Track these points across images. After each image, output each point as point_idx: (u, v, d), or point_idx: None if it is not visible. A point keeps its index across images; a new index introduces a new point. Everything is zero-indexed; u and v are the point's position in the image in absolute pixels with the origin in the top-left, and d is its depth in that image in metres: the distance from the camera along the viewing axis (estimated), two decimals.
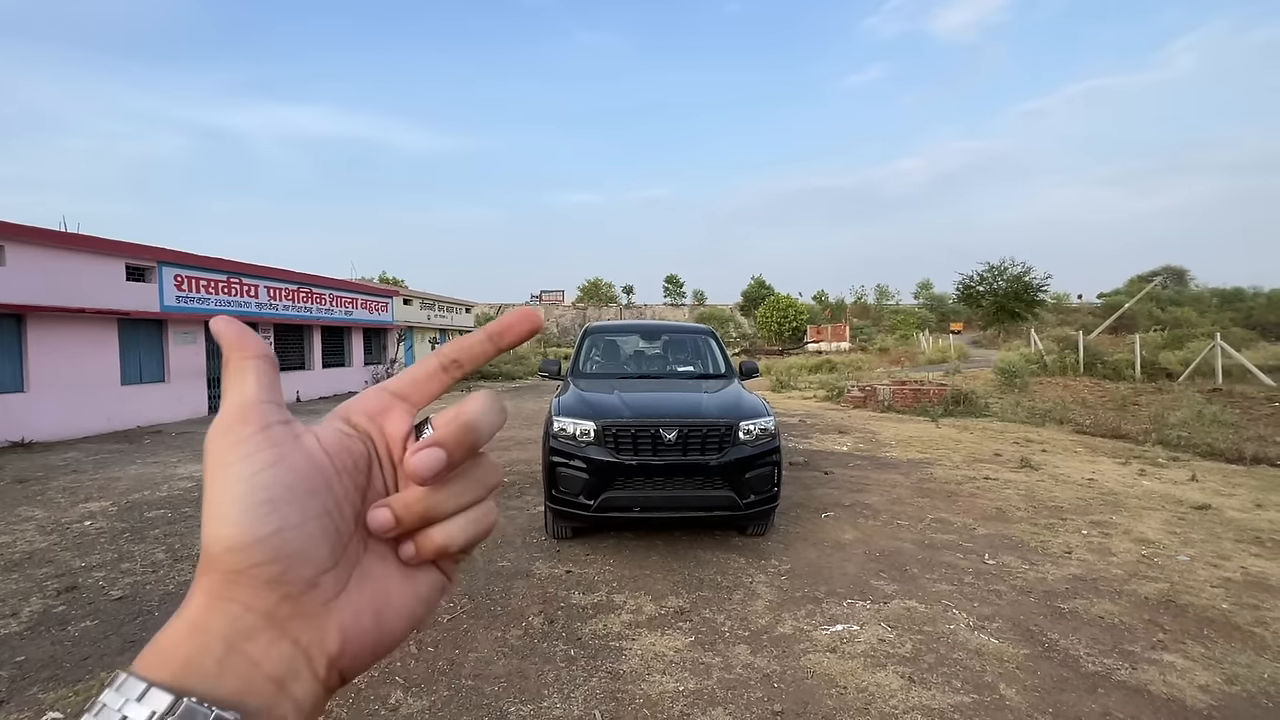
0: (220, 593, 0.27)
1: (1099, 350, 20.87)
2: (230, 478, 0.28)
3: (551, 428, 4.70)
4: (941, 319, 60.79)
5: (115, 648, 3.34)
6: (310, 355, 18.08)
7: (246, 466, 0.28)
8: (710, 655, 3.24)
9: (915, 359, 30.12)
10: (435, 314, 26.82)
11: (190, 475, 7.49)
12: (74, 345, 10.93)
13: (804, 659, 3.19)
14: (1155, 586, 4.00)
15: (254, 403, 0.30)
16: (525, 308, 0.36)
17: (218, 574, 0.27)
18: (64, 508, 6.08)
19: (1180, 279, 63.80)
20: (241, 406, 0.30)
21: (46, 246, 10.47)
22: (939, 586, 4.06)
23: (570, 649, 3.32)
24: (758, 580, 4.20)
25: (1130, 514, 5.61)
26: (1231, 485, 6.69)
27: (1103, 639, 3.35)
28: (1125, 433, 10.39)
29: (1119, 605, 3.75)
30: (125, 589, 4.09)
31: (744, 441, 4.59)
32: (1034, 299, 40.45)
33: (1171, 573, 4.24)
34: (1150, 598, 3.85)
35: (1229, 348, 17.03)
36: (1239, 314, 45.63)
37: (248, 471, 0.28)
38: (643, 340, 7.02)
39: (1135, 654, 3.20)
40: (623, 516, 4.47)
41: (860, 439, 9.73)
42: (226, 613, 0.27)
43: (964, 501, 6.07)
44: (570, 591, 4.03)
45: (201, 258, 13.76)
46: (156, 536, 5.15)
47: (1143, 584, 4.06)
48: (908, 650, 3.25)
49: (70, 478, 7.43)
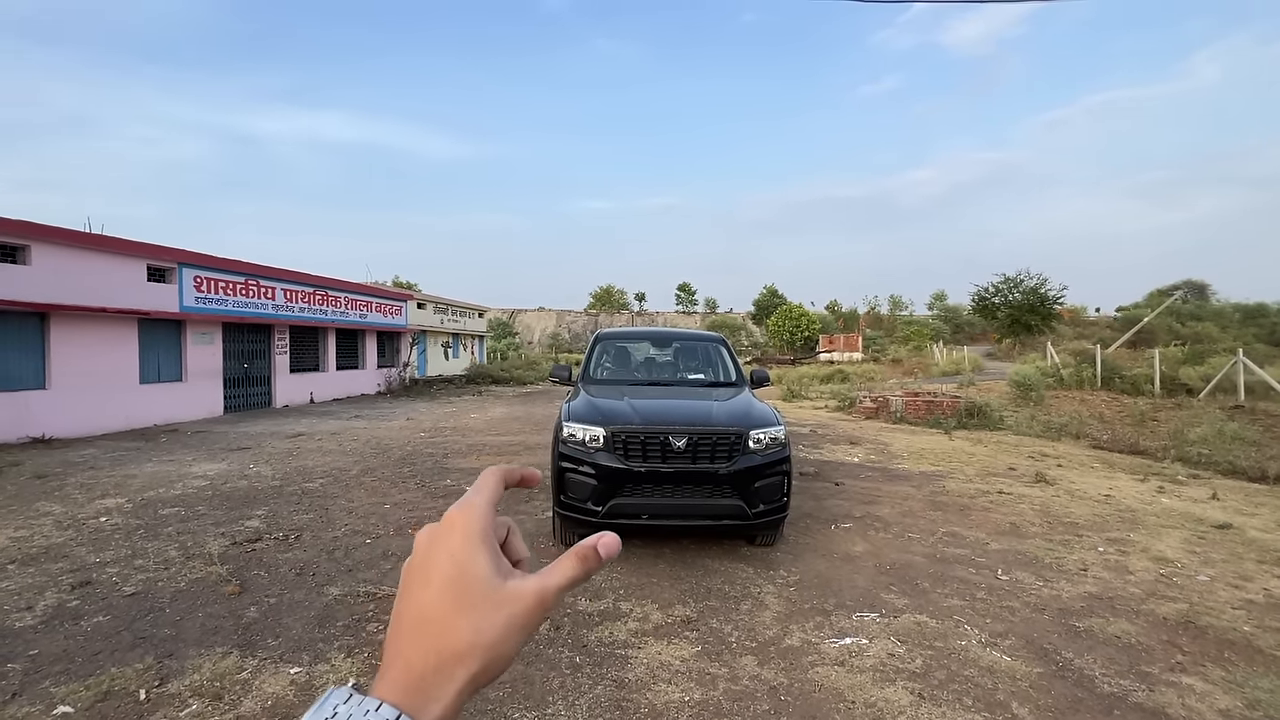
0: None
1: (1117, 364, 20.55)
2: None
3: (561, 433, 4.70)
4: (956, 330, 60.19)
5: (127, 643, 3.37)
6: (324, 357, 18.27)
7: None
8: (716, 666, 3.21)
9: (929, 370, 29.82)
10: (449, 318, 27.01)
11: (204, 474, 7.58)
12: (95, 344, 11.13)
13: (811, 672, 3.15)
14: (1174, 607, 3.91)
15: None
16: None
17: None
18: (81, 504, 6.17)
19: (1201, 293, 62.63)
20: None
21: (70, 247, 10.69)
22: (950, 601, 3.99)
23: (576, 656, 3.31)
24: (766, 591, 4.17)
25: (1149, 532, 5.50)
26: (1254, 505, 6.54)
27: (1119, 659, 3.28)
28: (1144, 449, 10.21)
29: (1136, 625, 3.67)
30: (138, 585, 4.14)
31: (754, 450, 4.56)
32: (1050, 311, 39.98)
33: (1191, 593, 4.14)
34: (1169, 618, 3.76)
35: (1252, 364, 16.68)
36: (1262, 329, 44.68)
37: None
38: (654, 347, 7.01)
39: (1153, 675, 3.12)
40: (631, 524, 4.45)
41: (872, 450, 9.64)
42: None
43: (977, 516, 5.98)
44: (576, 598, 4.02)
45: (220, 259, 13.98)
46: (169, 534, 5.21)
47: (1161, 604, 3.97)
48: (918, 666, 3.20)
49: (88, 474, 7.54)
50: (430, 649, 0.39)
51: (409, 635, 0.40)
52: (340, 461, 8.45)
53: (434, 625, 0.39)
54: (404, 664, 0.39)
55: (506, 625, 0.40)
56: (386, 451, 9.26)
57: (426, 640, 0.39)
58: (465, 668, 0.39)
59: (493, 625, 0.40)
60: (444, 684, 0.38)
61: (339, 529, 5.41)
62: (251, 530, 5.32)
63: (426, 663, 0.38)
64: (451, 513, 0.44)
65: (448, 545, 0.42)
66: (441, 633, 0.39)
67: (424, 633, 0.39)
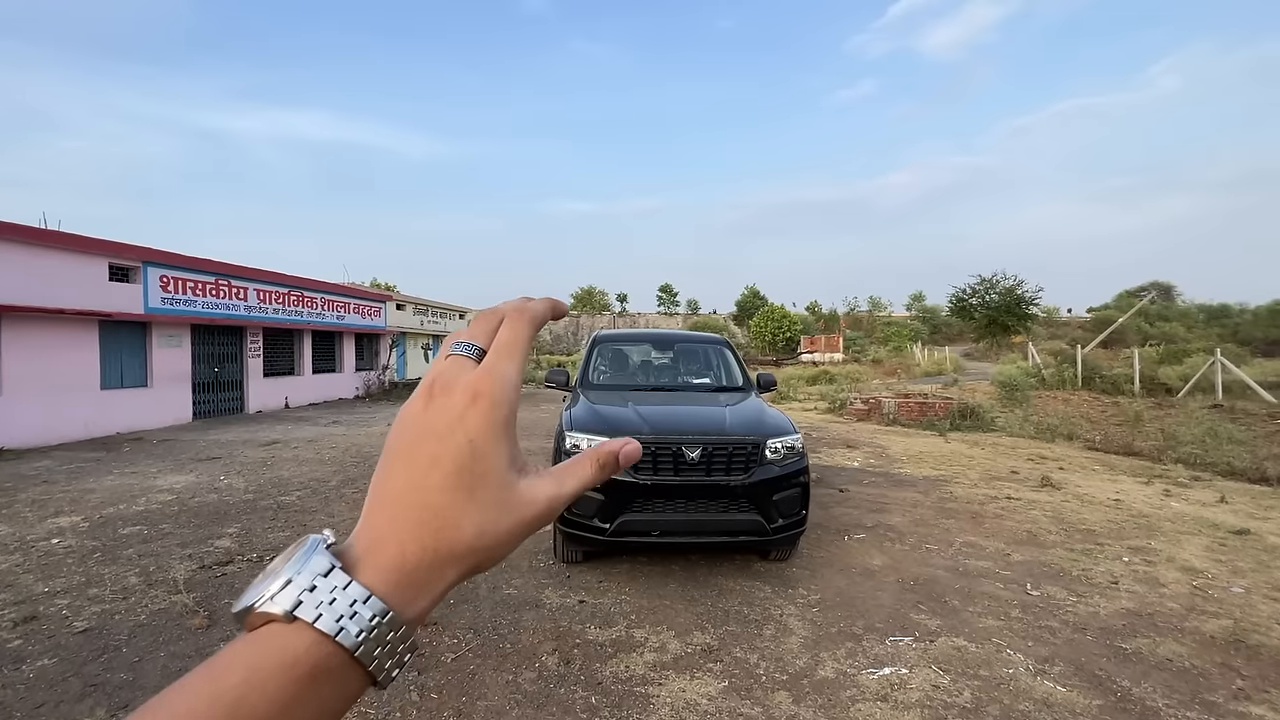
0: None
1: (1096, 364, 20.81)
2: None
3: (563, 443, 4.35)
4: (934, 331, 60.94)
5: (75, 692, 2.95)
6: (300, 360, 17.59)
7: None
8: (748, 705, 2.90)
9: (910, 370, 30.01)
10: (429, 320, 26.37)
11: (170, 488, 7.05)
12: (51, 347, 10.44)
13: (854, 709, 2.86)
14: (1218, 624, 3.71)
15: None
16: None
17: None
18: (30, 523, 5.64)
19: (1168, 294, 64.33)
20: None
21: (24, 244, 10.00)
22: (986, 621, 3.74)
23: (591, 696, 2.97)
24: (788, 612, 3.87)
25: (1168, 539, 5.33)
26: (1264, 508, 6.45)
27: (1178, 686, 3.04)
28: (1138, 450, 10.19)
29: (1185, 646, 3.45)
30: (91, 619, 3.69)
31: (771, 461, 4.27)
32: (1026, 312, 40.60)
33: (1231, 607, 3.95)
34: (1216, 636, 3.55)
35: (1230, 364, 16.97)
36: (1226, 330, 45.91)
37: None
38: (654, 349, 6.69)
39: (1217, 705, 2.90)
40: (641, 541, 4.13)
41: (870, 454, 9.44)
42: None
43: (991, 523, 5.77)
44: (585, 625, 3.68)
45: (189, 258, 13.30)
46: (130, 557, 4.74)
47: (1203, 620, 3.77)
48: (967, 699, 2.92)
49: (40, 489, 6.97)
50: (429, 543, 0.34)
51: (408, 519, 0.34)
52: (319, 471, 7.97)
53: (437, 516, 0.34)
54: (398, 552, 0.34)
55: (511, 529, 0.36)
56: (368, 460, 8.79)
57: (426, 531, 0.34)
58: (458, 567, 0.35)
59: (497, 527, 0.36)
60: (434, 582, 0.34)
61: None
62: (222, 551, 4.87)
63: (422, 557, 0.34)
64: (478, 380, 0.37)
65: (467, 424, 0.36)
66: (444, 526, 0.34)
67: (425, 522, 0.34)
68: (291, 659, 0.30)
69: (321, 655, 0.31)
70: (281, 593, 0.31)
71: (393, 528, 0.34)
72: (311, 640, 0.31)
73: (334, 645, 0.31)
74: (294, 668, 0.30)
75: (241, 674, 0.29)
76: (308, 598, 0.31)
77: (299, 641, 0.31)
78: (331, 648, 0.31)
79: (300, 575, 0.32)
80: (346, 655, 0.31)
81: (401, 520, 0.34)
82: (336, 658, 0.31)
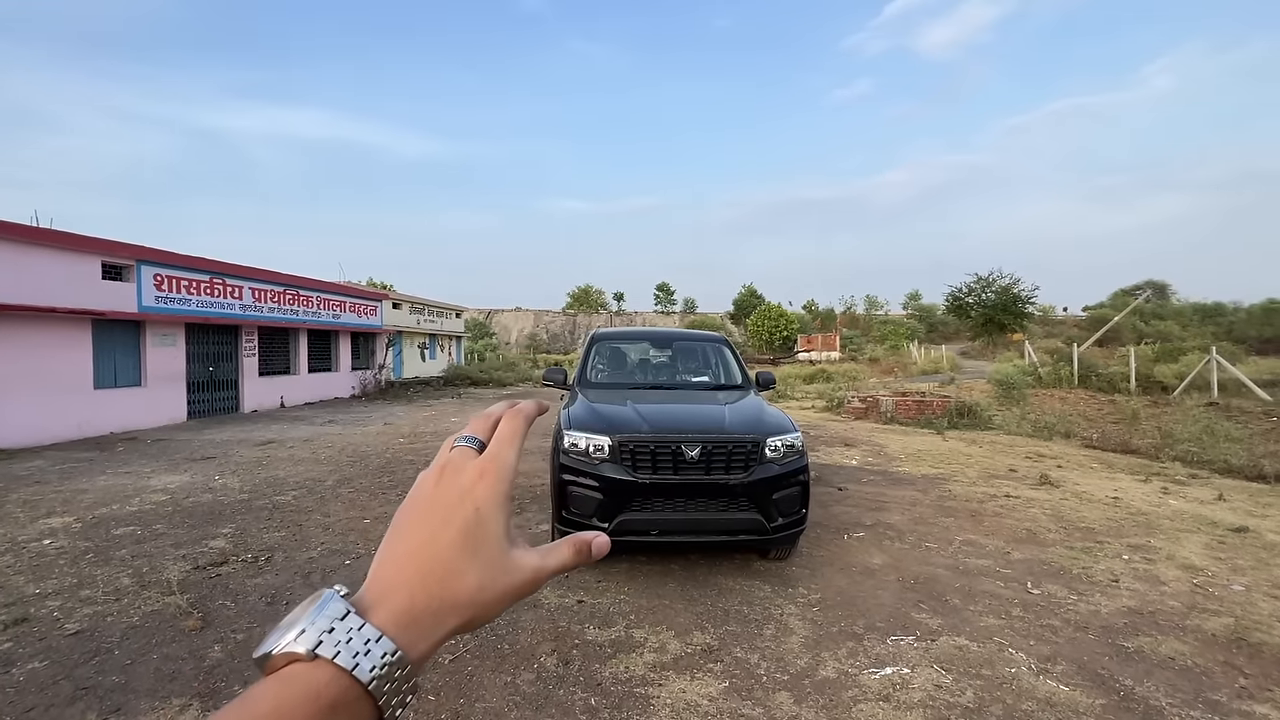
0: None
1: (1092, 363, 20.86)
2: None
3: (562, 442, 4.32)
4: (930, 329, 61.05)
5: (66, 695, 2.90)
6: (296, 359, 17.50)
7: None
8: (750, 705, 2.87)
9: (907, 369, 30.02)
10: (425, 319, 26.28)
11: (164, 487, 6.99)
12: (44, 347, 10.35)
13: (856, 709, 2.83)
14: (1220, 621, 3.70)
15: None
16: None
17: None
18: (22, 524, 5.58)
19: (1162, 293, 64.54)
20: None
21: (15, 242, 9.90)
22: (987, 620, 3.72)
23: (591, 697, 2.94)
24: (788, 612, 3.85)
25: (1167, 537, 5.33)
26: (1262, 506, 6.45)
27: (1182, 685, 3.03)
28: (1135, 448, 10.19)
29: (1187, 644, 3.44)
30: (83, 622, 3.64)
31: (770, 459, 4.24)
32: (1022, 311, 40.70)
33: (1231, 605, 3.94)
34: (1218, 635, 3.54)
35: (1225, 362, 17.02)
36: (1219, 328, 46.06)
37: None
38: (653, 348, 6.66)
39: (1221, 704, 2.88)
40: (641, 540, 4.09)
41: (868, 452, 9.43)
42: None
43: (990, 522, 5.76)
44: (584, 625, 3.65)
45: (183, 257, 13.20)
46: (123, 558, 4.68)
47: (1205, 618, 3.76)
48: (970, 699, 2.90)
49: (32, 489, 6.90)
50: (436, 592, 0.39)
51: (418, 569, 0.39)
52: (314, 471, 7.91)
53: (445, 568, 0.39)
54: (407, 597, 0.38)
55: (503, 591, 0.41)
56: (364, 459, 8.73)
57: (434, 580, 0.39)
58: (458, 617, 0.39)
59: (495, 585, 0.40)
60: (437, 628, 0.38)
61: (314, 548, 4.95)
62: (216, 552, 4.82)
63: (429, 604, 0.38)
64: (484, 462, 0.44)
65: (475, 494, 0.42)
66: (449, 577, 0.39)
67: (433, 572, 0.39)
68: (315, 692, 0.34)
69: (340, 689, 0.34)
70: (302, 636, 0.35)
71: (403, 578, 0.39)
72: (331, 675, 0.35)
73: (350, 679, 0.35)
74: (317, 699, 0.34)
75: (271, 703, 0.33)
76: (327, 638, 0.35)
77: (321, 676, 0.35)
78: (349, 681, 0.35)
79: (319, 619, 0.36)
80: (361, 689, 0.35)
81: (412, 571, 0.39)
82: (353, 691, 0.35)
